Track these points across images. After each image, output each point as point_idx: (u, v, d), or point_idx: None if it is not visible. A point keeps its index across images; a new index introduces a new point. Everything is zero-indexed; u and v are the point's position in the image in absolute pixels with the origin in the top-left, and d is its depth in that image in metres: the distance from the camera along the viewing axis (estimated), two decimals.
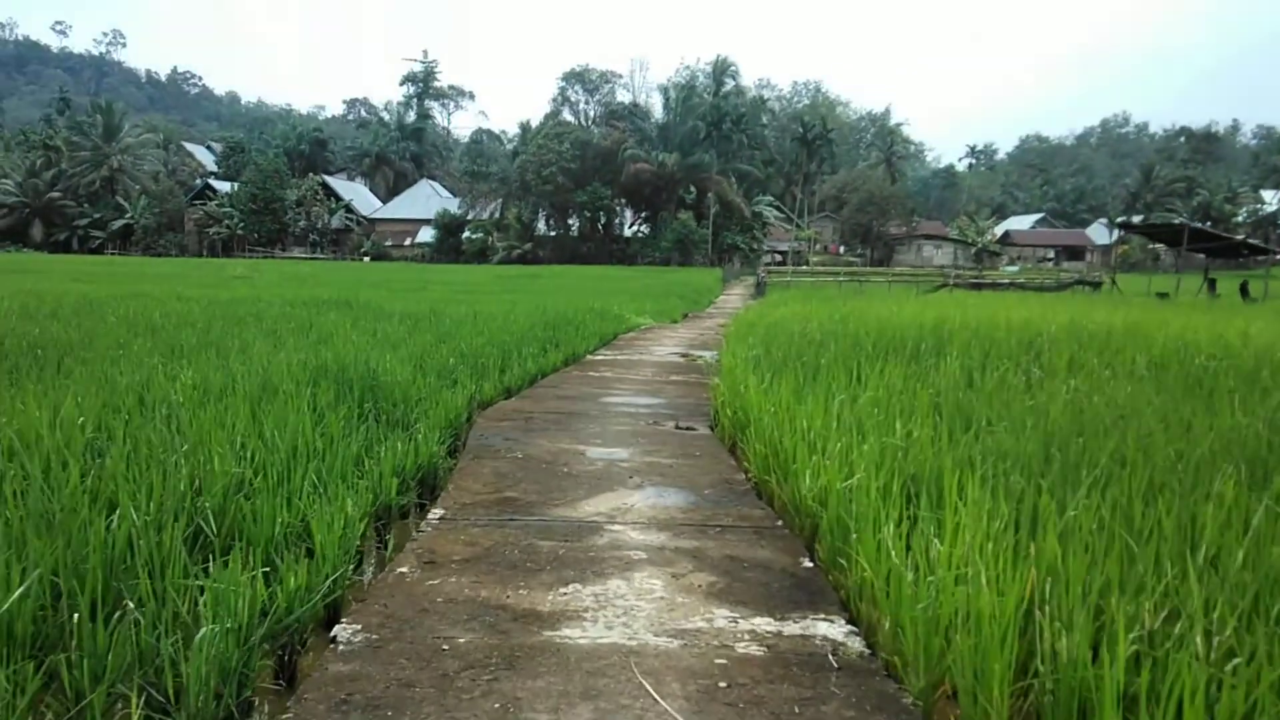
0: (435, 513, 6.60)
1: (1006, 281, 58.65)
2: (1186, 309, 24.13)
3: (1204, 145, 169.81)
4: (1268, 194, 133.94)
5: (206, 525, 5.22)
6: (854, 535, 5.32)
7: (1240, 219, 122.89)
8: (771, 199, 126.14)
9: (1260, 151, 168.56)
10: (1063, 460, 6.16)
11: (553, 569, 5.47)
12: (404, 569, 5.35)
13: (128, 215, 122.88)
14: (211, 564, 4.59)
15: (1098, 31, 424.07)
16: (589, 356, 17.95)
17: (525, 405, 11.86)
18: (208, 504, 5.32)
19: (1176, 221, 50.30)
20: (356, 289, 37.71)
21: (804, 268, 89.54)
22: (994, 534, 4.65)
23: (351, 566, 5.31)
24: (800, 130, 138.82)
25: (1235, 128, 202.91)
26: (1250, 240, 48.57)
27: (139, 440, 6.42)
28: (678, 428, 10.52)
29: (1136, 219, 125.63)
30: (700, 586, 5.26)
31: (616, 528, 6.38)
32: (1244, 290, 41.47)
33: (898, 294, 47.67)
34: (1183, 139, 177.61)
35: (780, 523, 6.70)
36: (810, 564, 5.79)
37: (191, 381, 8.71)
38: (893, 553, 4.73)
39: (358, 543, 5.57)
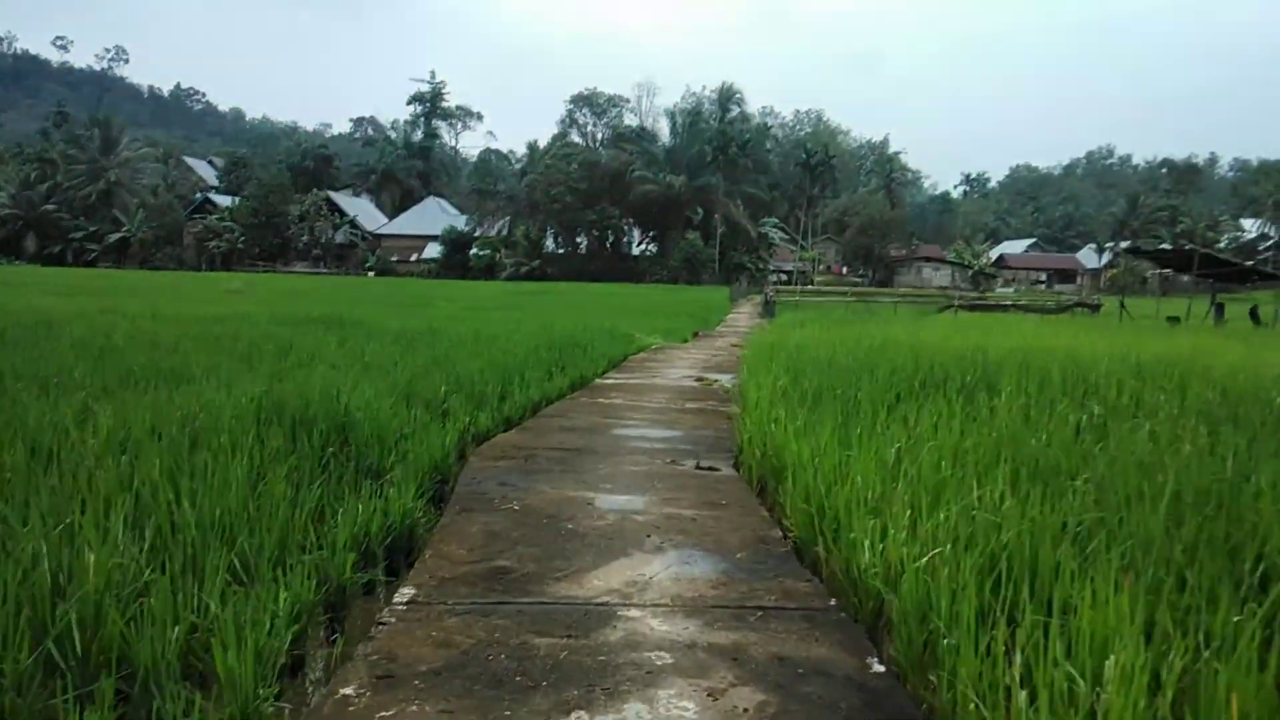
0: (404, 592, 5.29)
1: (1009, 303, 57.42)
2: (1209, 335, 22.75)
3: (1185, 176, 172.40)
4: (1247, 222, 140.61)
5: (63, 648, 3.77)
6: (946, 640, 4.04)
7: (1222, 245, 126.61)
8: (776, 221, 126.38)
9: (1238, 182, 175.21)
10: (1197, 538, 4.87)
11: (551, 686, 4.14)
12: (348, 689, 4.00)
13: (125, 229, 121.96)
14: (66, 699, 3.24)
15: (1082, 67, 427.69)
16: (598, 381, 16.68)
17: (526, 439, 10.59)
18: (72, 613, 3.84)
19: (1187, 246, 48.70)
20: (354, 305, 36.50)
21: (810, 287, 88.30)
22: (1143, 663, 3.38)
23: (274, 693, 3.94)
24: (804, 155, 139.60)
25: (1213, 160, 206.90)
26: (1261, 267, 47.11)
27: None
28: (698, 468, 9.26)
29: (1124, 244, 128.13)
30: (746, 712, 3.97)
31: (633, 614, 5.07)
32: (1254, 315, 39.72)
33: (905, 314, 46.70)
34: (1164, 170, 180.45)
35: (834, 602, 5.43)
36: (881, 667, 4.53)
37: (108, 426, 7.14)
38: (1017, 691, 3.45)
39: (285, 653, 4.21)
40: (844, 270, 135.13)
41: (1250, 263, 50.10)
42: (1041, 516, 5.20)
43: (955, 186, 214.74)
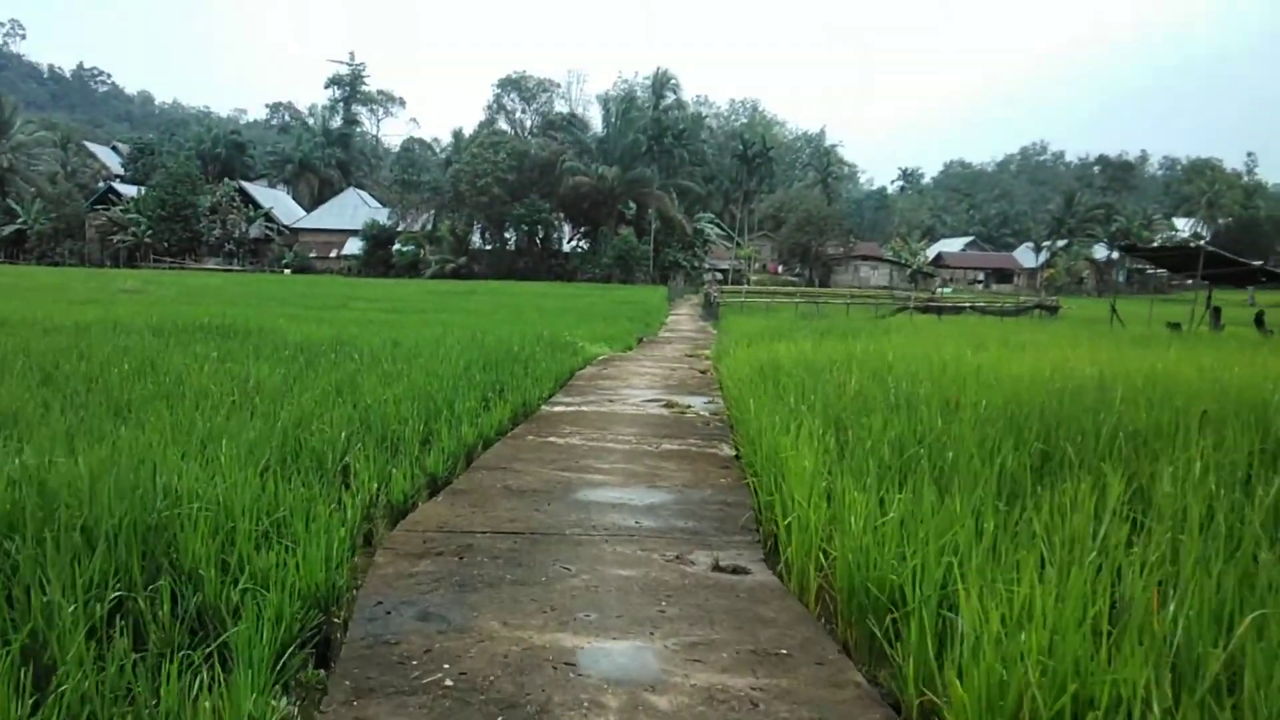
0: None
1: (967, 304, 54.96)
2: (1236, 348, 19.85)
3: (1120, 174, 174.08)
4: (1179, 221, 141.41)
5: None
6: None
7: (1157, 244, 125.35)
8: (712, 216, 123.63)
9: (1171, 181, 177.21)
10: None
11: None
12: None
13: (20, 220, 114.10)
14: None
15: (1014, 60, 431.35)
16: (545, 409, 13.58)
17: (460, 512, 7.50)
18: None
19: (1193, 244, 45.50)
20: (259, 307, 33.22)
21: (752, 287, 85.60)
22: None
23: None
24: (740, 147, 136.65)
25: (1144, 158, 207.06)
26: (1268, 267, 44.14)
27: None
28: (718, 568, 6.23)
29: (1060, 244, 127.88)
30: None
31: None
32: (1260, 322, 36.49)
33: (859, 317, 44.12)
34: (1098, 168, 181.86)
35: None
36: None
37: None
38: None
39: None
40: (780, 269, 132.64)
41: (1259, 263, 46.87)
42: None
43: (892, 182, 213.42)
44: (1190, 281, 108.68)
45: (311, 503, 6.37)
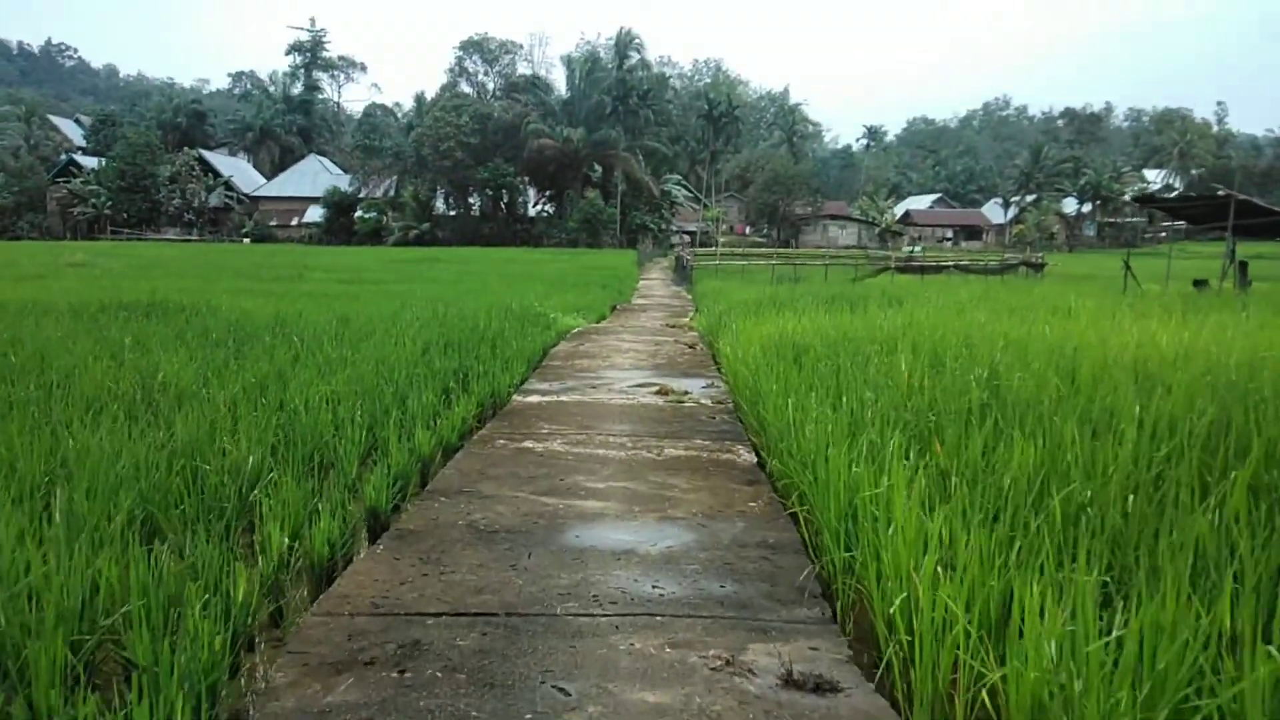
0: None
1: (950, 264, 52.92)
2: None
3: (1087, 126, 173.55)
4: (1150, 173, 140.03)
5: None
6: None
7: (1127, 197, 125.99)
8: (679, 178, 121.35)
9: (1140, 132, 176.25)
10: None
11: None
12: None
13: None
14: None
15: (975, 14, 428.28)
16: (517, 399, 11.43)
17: (406, 577, 5.36)
18: None
19: (1221, 191, 42.01)
20: (208, 280, 30.96)
21: (727, 250, 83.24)
22: None
23: None
24: (706, 107, 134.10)
25: (1109, 109, 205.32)
26: None
27: None
28: (790, 681, 4.12)
29: (1030, 199, 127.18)
30: None
31: None
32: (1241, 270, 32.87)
33: (838, 279, 42.16)
34: (1061, 121, 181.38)
35: None
36: None
37: None
38: None
39: None
40: (747, 230, 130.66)
41: None
42: None
43: (857, 140, 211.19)
44: (1164, 235, 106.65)
45: (181, 589, 4.29)
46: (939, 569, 4.13)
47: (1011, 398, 6.98)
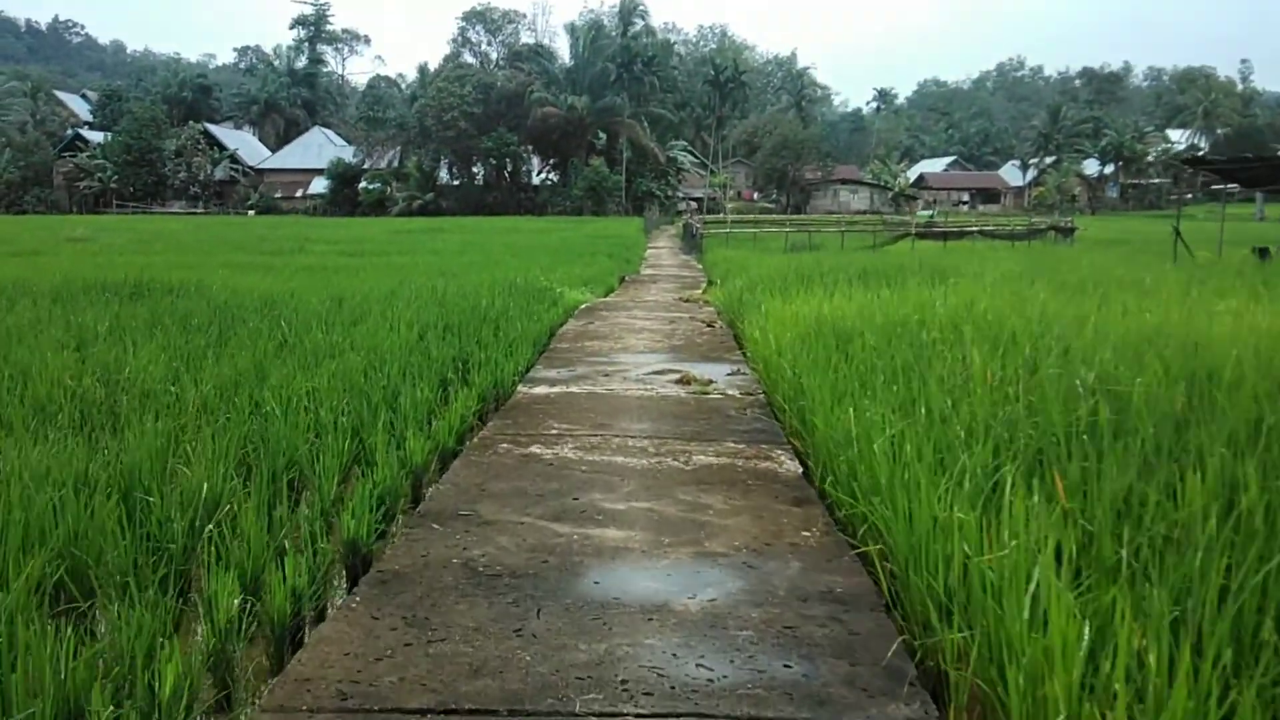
0: None
1: (974, 229, 51.17)
2: None
3: (1106, 86, 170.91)
4: (1174, 133, 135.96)
5: None
6: None
7: (1150, 158, 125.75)
8: (685, 144, 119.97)
9: (1162, 92, 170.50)
10: None
11: None
12: None
13: None
14: None
15: None
16: (523, 390, 10.32)
17: (387, 645, 4.25)
18: None
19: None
20: (206, 255, 29.90)
21: (737, 217, 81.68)
22: None
23: None
24: (712, 72, 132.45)
25: (1127, 69, 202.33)
26: None
27: None
28: None
29: (1049, 161, 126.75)
30: None
31: None
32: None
33: (854, 246, 40.90)
34: (1079, 81, 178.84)
35: None
36: None
37: None
38: None
39: None
40: (755, 196, 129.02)
41: None
42: None
43: (868, 103, 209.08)
44: (1190, 196, 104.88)
45: (89, 684, 3.23)
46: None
47: (1137, 410, 5.72)
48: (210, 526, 5.11)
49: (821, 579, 5.10)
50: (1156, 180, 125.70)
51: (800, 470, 7.31)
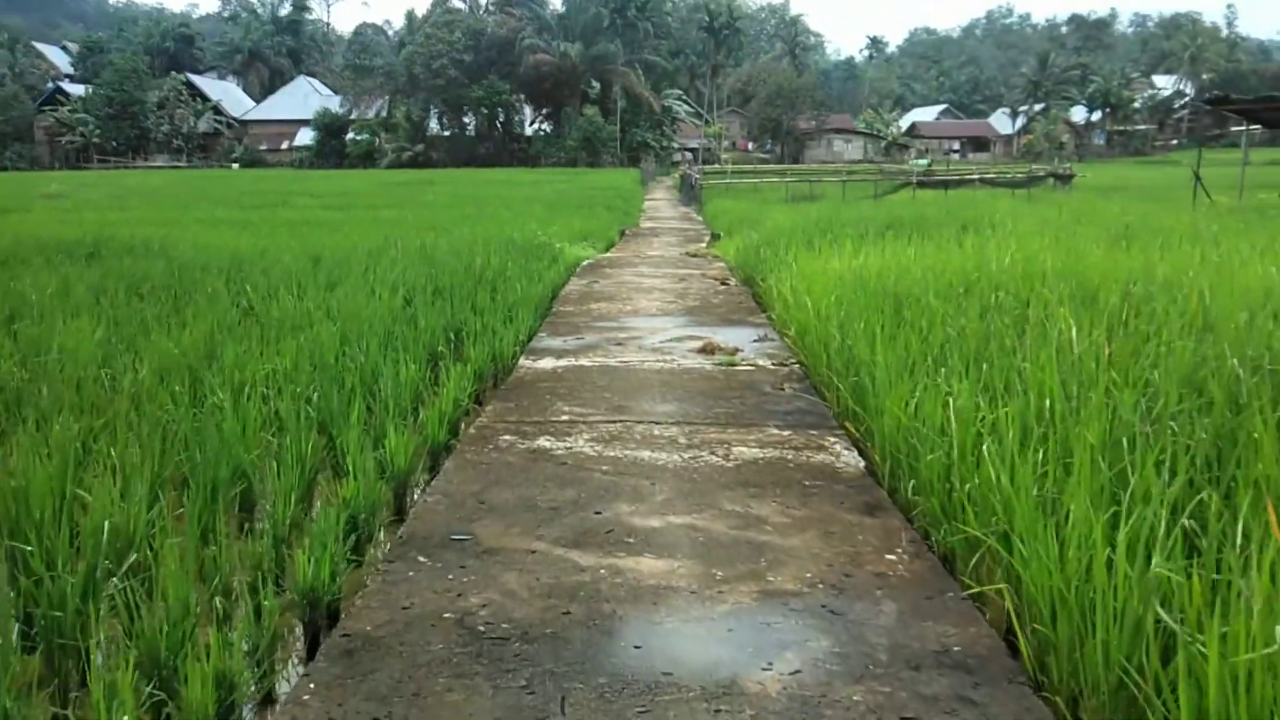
0: None
1: (975, 177, 50.01)
2: None
3: (1094, 32, 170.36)
4: (1160, 79, 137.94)
5: None
6: None
7: (1137, 105, 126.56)
8: (680, 93, 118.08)
9: (1147, 38, 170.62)
10: None
11: None
12: None
13: None
14: None
15: None
16: (524, 363, 9.02)
17: None
18: None
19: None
20: (182, 210, 28.48)
21: (736, 167, 79.88)
22: None
23: None
24: (706, 19, 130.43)
25: (1113, 15, 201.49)
26: None
27: None
28: None
29: (1038, 108, 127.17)
30: None
31: None
32: None
33: (856, 195, 39.77)
34: (1066, 28, 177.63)
35: None
36: None
37: None
38: None
39: None
40: (750, 146, 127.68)
41: None
42: None
43: (861, 51, 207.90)
44: (1175, 143, 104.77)
45: None
46: None
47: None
48: (115, 581, 3.82)
49: (930, 631, 3.85)
50: (1142, 127, 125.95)
51: (862, 464, 6.04)
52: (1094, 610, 3.26)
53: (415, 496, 5.69)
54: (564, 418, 7.12)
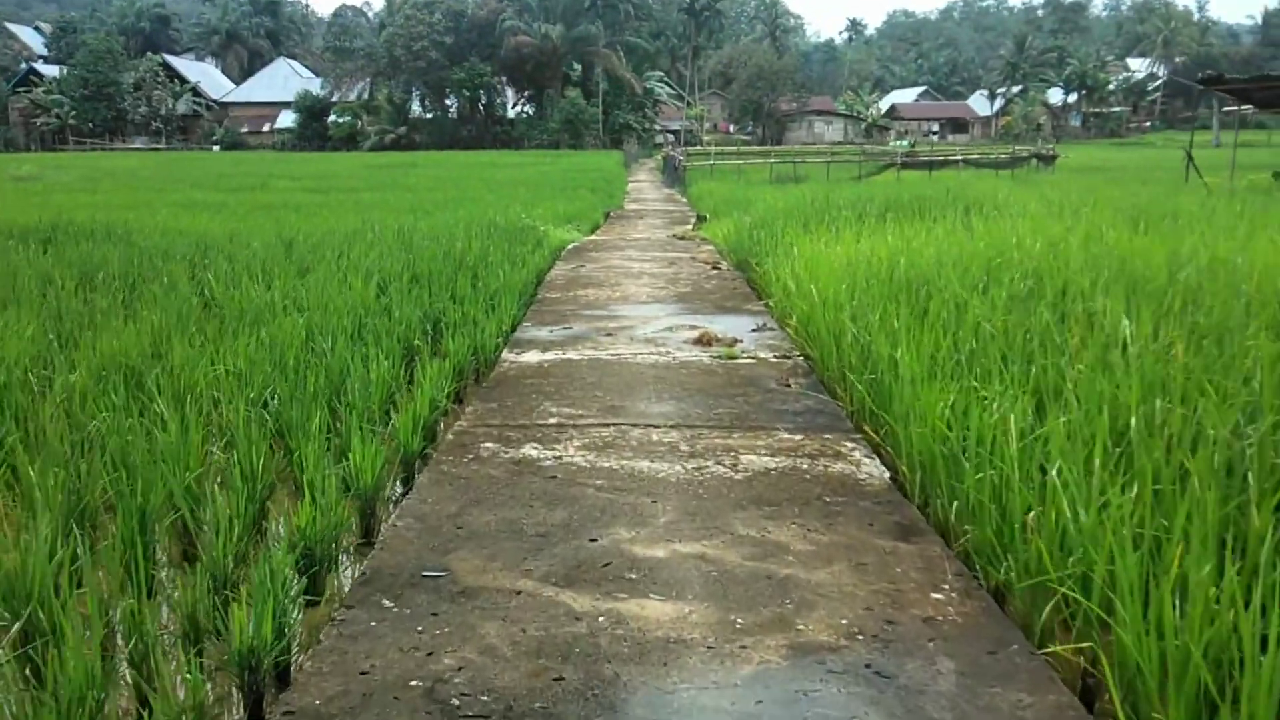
0: None
1: (959, 158, 49.84)
2: None
3: (1069, 15, 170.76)
4: (1134, 62, 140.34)
5: None
6: None
7: (1112, 87, 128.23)
8: (662, 75, 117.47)
9: (1122, 21, 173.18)
10: None
11: None
12: None
13: None
14: None
15: None
16: (508, 357, 8.32)
17: None
18: None
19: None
20: (156, 194, 27.75)
21: (720, 149, 79.18)
22: None
23: None
24: (687, 1, 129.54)
25: None
26: None
27: None
28: None
29: (1016, 89, 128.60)
30: None
31: None
32: None
33: (840, 177, 39.53)
34: (1042, 11, 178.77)
35: None
36: None
37: None
38: None
39: None
40: (731, 128, 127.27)
41: None
42: None
43: (840, 33, 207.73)
44: (1149, 124, 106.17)
45: None
46: None
47: None
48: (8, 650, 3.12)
49: (1001, 700, 3.17)
50: (1117, 109, 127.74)
51: (886, 475, 5.37)
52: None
53: (387, 513, 5.01)
54: (552, 421, 6.42)
